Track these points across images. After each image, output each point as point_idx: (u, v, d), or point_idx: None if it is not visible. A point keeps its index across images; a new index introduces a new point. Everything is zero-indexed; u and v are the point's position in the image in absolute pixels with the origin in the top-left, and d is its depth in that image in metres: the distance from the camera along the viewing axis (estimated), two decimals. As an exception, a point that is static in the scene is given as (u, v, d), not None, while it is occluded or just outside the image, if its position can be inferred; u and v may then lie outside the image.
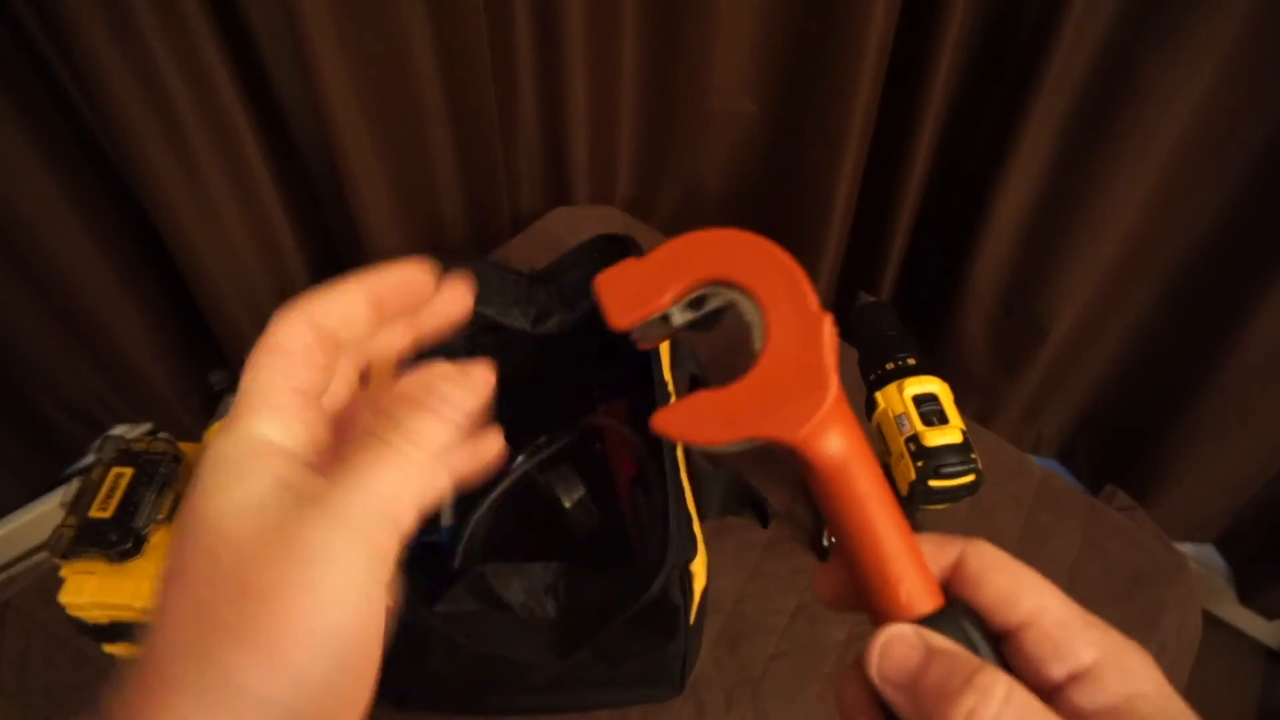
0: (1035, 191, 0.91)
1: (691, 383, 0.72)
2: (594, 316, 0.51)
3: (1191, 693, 0.22)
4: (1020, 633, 0.24)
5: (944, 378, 0.60)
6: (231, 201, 0.88)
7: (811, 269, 1.08)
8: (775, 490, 0.76)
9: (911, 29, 0.87)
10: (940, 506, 0.67)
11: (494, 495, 0.69)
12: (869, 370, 0.63)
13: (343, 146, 0.86)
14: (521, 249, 0.96)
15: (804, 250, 1.07)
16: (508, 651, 0.56)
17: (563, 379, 0.73)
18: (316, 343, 0.26)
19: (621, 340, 0.31)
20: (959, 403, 0.59)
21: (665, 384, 0.66)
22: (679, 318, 0.29)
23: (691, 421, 0.27)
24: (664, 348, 0.67)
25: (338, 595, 0.22)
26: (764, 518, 0.73)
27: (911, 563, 0.26)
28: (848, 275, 1.12)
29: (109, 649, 0.62)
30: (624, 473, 0.70)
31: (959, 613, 0.25)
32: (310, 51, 0.78)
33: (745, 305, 0.29)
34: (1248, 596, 1.11)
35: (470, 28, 0.87)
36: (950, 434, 0.57)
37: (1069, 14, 0.76)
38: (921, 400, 0.59)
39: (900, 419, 0.59)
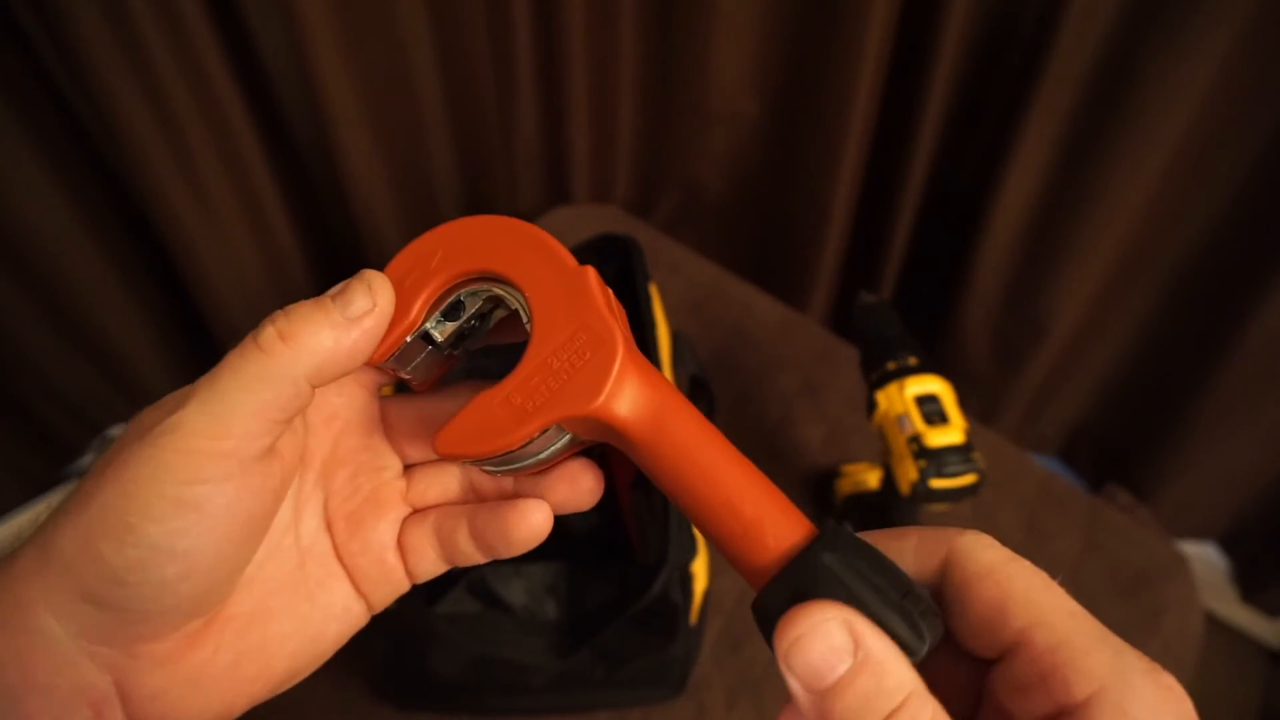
0: (1037, 190, 0.91)
1: (692, 383, 0.72)
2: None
3: (1193, 693, 0.21)
4: (1011, 655, 0.20)
5: (946, 377, 0.60)
6: (231, 201, 0.87)
7: (811, 268, 1.08)
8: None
9: (912, 29, 0.87)
10: (942, 507, 0.67)
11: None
12: (870, 370, 0.63)
13: (342, 147, 0.86)
14: (521, 249, 0.96)
15: (804, 250, 1.07)
16: (508, 652, 0.56)
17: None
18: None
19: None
20: (960, 402, 0.59)
21: (665, 384, 0.66)
22: (439, 332, 0.26)
23: (478, 431, 0.24)
24: (663, 347, 0.67)
25: (175, 471, 0.22)
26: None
27: (767, 499, 0.23)
28: (848, 274, 1.12)
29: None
30: (624, 473, 0.70)
31: (822, 547, 0.21)
32: (310, 52, 0.78)
33: (503, 292, 0.26)
34: (1250, 594, 1.11)
35: (470, 28, 0.87)
36: (952, 434, 0.57)
37: (1070, 13, 0.76)
38: (923, 400, 0.59)
39: (902, 419, 0.59)
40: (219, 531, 0.22)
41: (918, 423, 0.58)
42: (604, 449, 0.28)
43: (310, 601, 0.27)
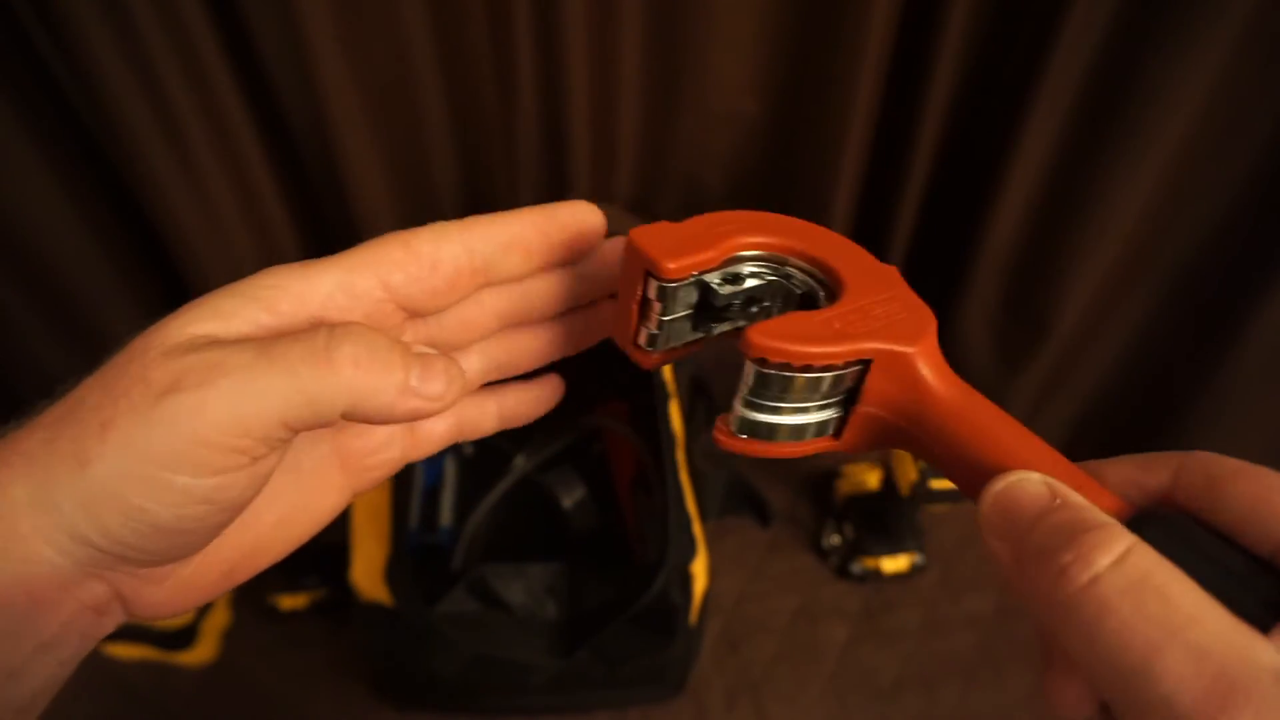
0: (1038, 190, 0.91)
1: (692, 384, 0.72)
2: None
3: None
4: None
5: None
6: (231, 201, 0.88)
7: (812, 269, 1.08)
8: (776, 490, 0.76)
9: (913, 29, 0.87)
10: (942, 507, 0.67)
11: (494, 495, 0.69)
12: (870, 370, 0.62)
13: (342, 146, 0.86)
14: (522, 249, 0.96)
15: (805, 250, 1.07)
16: (508, 652, 0.56)
17: (562, 379, 0.73)
18: (464, 268, 0.27)
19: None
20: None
21: (665, 385, 0.66)
22: (720, 287, 0.26)
23: (800, 335, 0.24)
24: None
25: (200, 428, 0.20)
26: (764, 518, 0.73)
27: (1078, 475, 0.23)
28: (848, 275, 1.12)
29: (109, 649, 0.62)
30: (624, 473, 0.70)
31: (1153, 521, 0.20)
32: (310, 52, 0.78)
33: (796, 274, 0.27)
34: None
35: (471, 28, 0.87)
36: (951, 434, 0.57)
37: (1071, 13, 0.76)
38: (923, 400, 0.59)
39: (901, 419, 0.59)
40: (224, 516, 0.22)
41: (918, 423, 0.58)
42: (604, 449, 0.28)
43: (305, 510, 0.27)
